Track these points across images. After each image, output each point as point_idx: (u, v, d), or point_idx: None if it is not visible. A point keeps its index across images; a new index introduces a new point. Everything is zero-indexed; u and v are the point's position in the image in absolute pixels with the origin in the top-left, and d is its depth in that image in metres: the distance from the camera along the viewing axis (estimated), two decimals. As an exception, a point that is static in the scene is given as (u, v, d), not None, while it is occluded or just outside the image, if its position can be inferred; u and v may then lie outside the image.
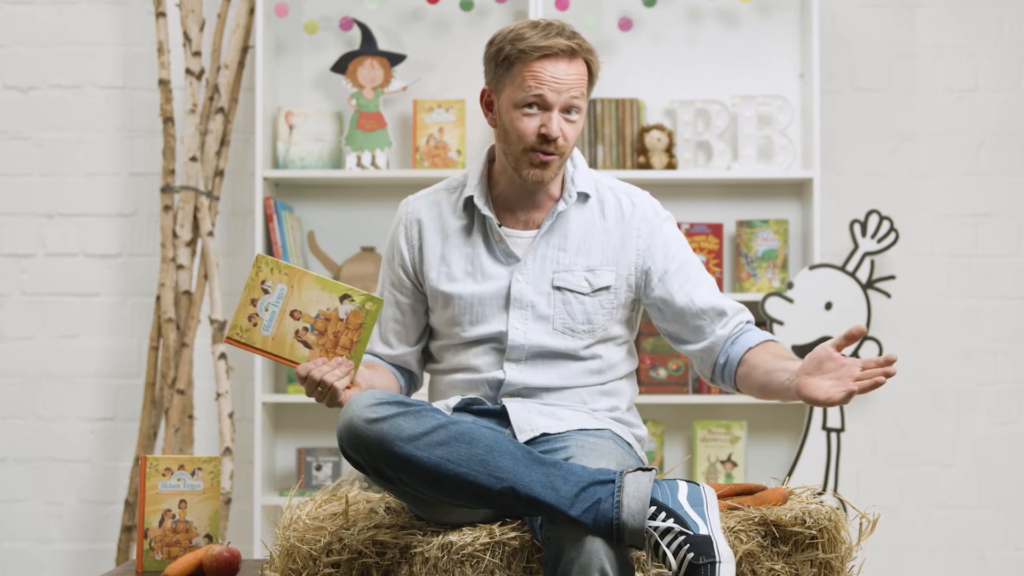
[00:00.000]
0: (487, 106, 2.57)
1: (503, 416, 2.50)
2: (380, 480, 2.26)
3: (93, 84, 4.25)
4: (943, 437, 4.21)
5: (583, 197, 2.58)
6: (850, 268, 4.03)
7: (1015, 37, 4.22)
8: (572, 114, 2.49)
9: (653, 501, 2.15)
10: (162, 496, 2.80)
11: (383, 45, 4.15)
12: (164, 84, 4.05)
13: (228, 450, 3.91)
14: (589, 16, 4.12)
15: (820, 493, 2.52)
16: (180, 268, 4.01)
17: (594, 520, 2.14)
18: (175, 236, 4.02)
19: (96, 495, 4.22)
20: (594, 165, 4.08)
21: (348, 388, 2.37)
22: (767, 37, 4.19)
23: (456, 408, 2.53)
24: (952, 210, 4.22)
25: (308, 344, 2.38)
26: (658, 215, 2.61)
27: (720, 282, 4.09)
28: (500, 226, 2.56)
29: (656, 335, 4.05)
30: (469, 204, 2.59)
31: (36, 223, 4.25)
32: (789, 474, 3.98)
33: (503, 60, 2.49)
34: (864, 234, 4.04)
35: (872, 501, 4.04)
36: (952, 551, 4.19)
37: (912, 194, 4.22)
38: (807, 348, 3.97)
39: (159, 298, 4.02)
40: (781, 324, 3.97)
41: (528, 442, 2.45)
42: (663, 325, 2.61)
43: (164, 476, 2.80)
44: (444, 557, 2.28)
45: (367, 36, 4.12)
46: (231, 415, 3.95)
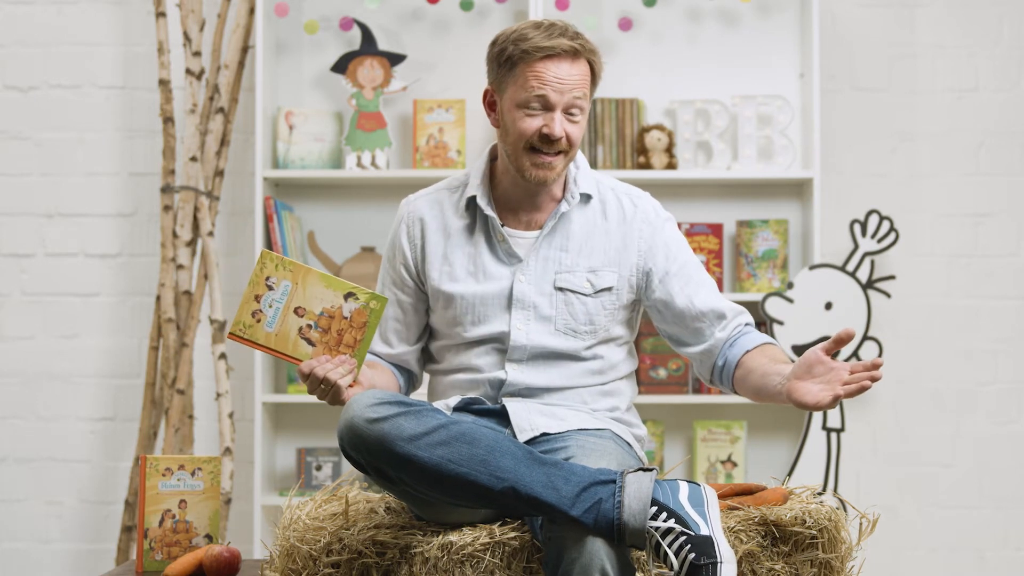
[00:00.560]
0: (490, 106, 2.56)
1: (503, 416, 2.50)
2: (381, 480, 2.26)
3: (93, 84, 4.25)
4: (943, 437, 4.21)
5: (585, 198, 2.58)
6: (850, 268, 4.03)
7: (1015, 37, 4.22)
8: (575, 114, 2.48)
9: (654, 501, 2.15)
10: (162, 496, 2.80)
11: (383, 45, 4.15)
12: (164, 84, 4.05)
13: (228, 450, 3.91)
14: (589, 16, 4.12)
15: (820, 493, 2.52)
16: (180, 268, 4.01)
17: (595, 520, 2.14)
18: (175, 236, 4.02)
19: (96, 495, 4.22)
20: (594, 165, 4.08)
21: (351, 386, 2.37)
22: (767, 37, 4.19)
23: (456, 408, 2.53)
24: (952, 210, 4.22)
25: (311, 341, 2.37)
26: (659, 216, 2.61)
27: (720, 282, 4.09)
28: (502, 226, 2.56)
29: (656, 335, 4.05)
30: (471, 204, 2.59)
31: (36, 223, 4.25)
32: (789, 474, 3.98)
33: (506, 60, 2.49)
34: (864, 234, 4.04)
35: (872, 501, 4.04)
36: (952, 551, 4.19)
37: (912, 194, 4.22)
38: (807, 348, 3.97)
39: (159, 298, 4.02)
40: (781, 324, 3.96)
41: (528, 442, 2.45)
42: (663, 327, 2.62)
43: (164, 476, 2.80)
44: (444, 557, 2.28)
45: (367, 36, 4.12)
46: (231, 415, 3.95)
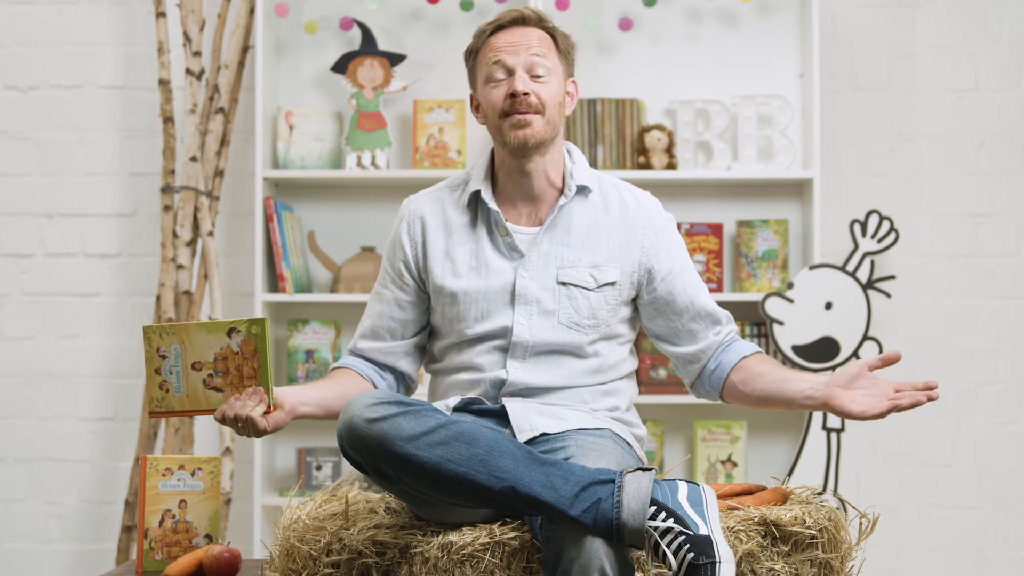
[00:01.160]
0: (475, 108, 2.63)
1: (502, 416, 2.50)
2: (380, 480, 2.27)
3: (93, 84, 4.25)
4: (943, 437, 4.21)
5: (583, 191, 2.60)
6: (850, 268, 4.03)
7: (1015, 37, 4.22)
8: (541, 75, 2.53)
9: (653, 501, 2.16)
10: (162, 496, 2.80)
11: (383, 45, 4.15)
12: (164, 84, 4.05)
13: (228, 450, 3.91)
14: (589, 16, 4.13)
15: (820, 493, 2.52)
16: (180, 268, 4.01)
17: (594, 520, 2.14)
18: (175, 236, 4.03)
19: (96, 495, 4.22)
20: (594, 165, 4.08)
21: (268, 412, 2.38)
22: (767, 37, 4.19)
23: (455, 408, 2.53)
24: (952, 210, 4.22)
25: (218, 388, 2.40)
26: (661, 215, 2.64)
27: (720, 282, 4.09)
28: (504, 220, 2.57)
29: (656, 335, 4.05)
30: (473, 200, 2.60)
31: (36, 223, 4.25)
32: (789, 474, 3.98)
33: (470, 55, 2.61)
34: (864, 234, 4.04)
35: (872, 501, 4.04)
36: (952, 551, 4.19)
37: (912, 194, 4.22)
38: (807, 348, 3.97)
39: (159, 298, 4.02)
40: (781, 324, 3.96)
41: (528, 442, 2.45)
42: (654, 325, 2.63)
43: (164, 476, 2.80)
44: (444, 557, 2.28)
45: (367, 36, 4.12)
46: (231, 415, 3.95)
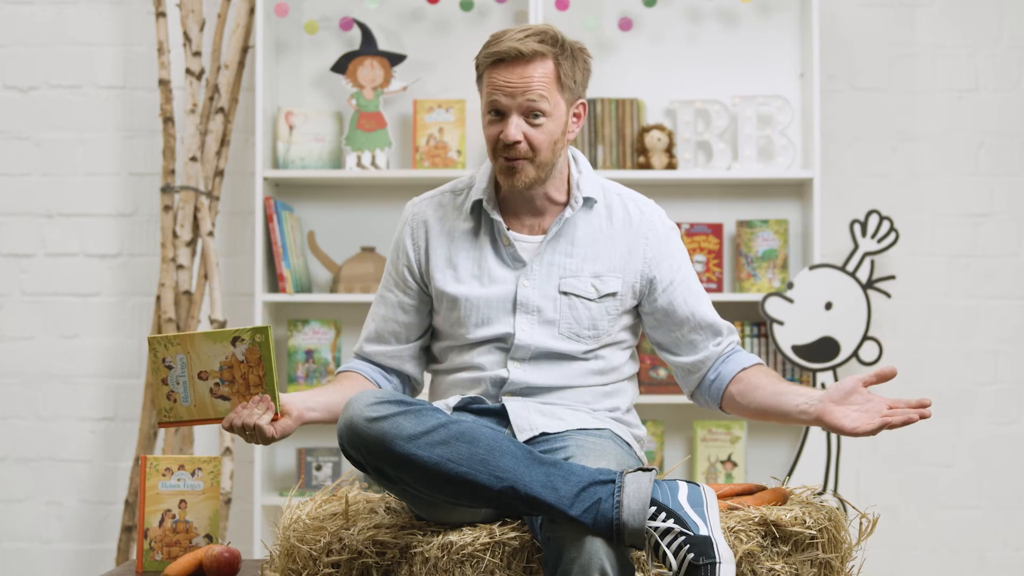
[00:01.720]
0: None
1: (503, 415, 2.50)
2: (380, 479, 2.26)
3: (93, 84, 4.25)
4: (943, 437, 4.21)
5: (589, 202, 2.58)
6: (850, 268, 4.03)
7: (1015, 37, 4.22)
8: (537, 117, 2.46)
9: (653, 501, 2.16)
10: (162, 496, 2.80)
11: (383, 45, 4.15)
12: (164, 84, 4.05)
13: (228, 450, 3.91)
14: (589, 16, 4.13)
15: (820, 493, 2.52)
16: (180, 268, 4.01)
17: (594, 520, 2.14)
18: (175, 236, 4.02)
19: (96, 495, 4.22)
20: (594, 165, 4.08)
21: (275, 419, 2.38)
22: (767, 37, 4.19)
23: (456, 408, 2.53)
24: (952, 210, 4.22)
25: (225, 396, 2.40)
26: (664, 225, 2.62)
27: (720, 282, 4.09)
28: (508, 230, 2.56)
29: (656, 335, 4.04)
30: (476, 207, 2.59)
31: (36, 223, 4.25)
32: (789, 474, 3.98)
33: (477, 68, 2.54)
34: (864, 234, 4.04)
35: (872, 501, 4.04)
36: (952, 551, 4.19)
37: (912, 194, 4.22)
38: (807, 348, 3.97)
39: (159, 298, 4.02)
40: (781, 324, 3.96)
41: (527, 441, 2.44)
42: (656, 335, 2.62)
43: (164, 476, 2.80)
44: (444, 557, 2.28)
45: (367, 36, 4.12)
46: (231, 415, 3.95)
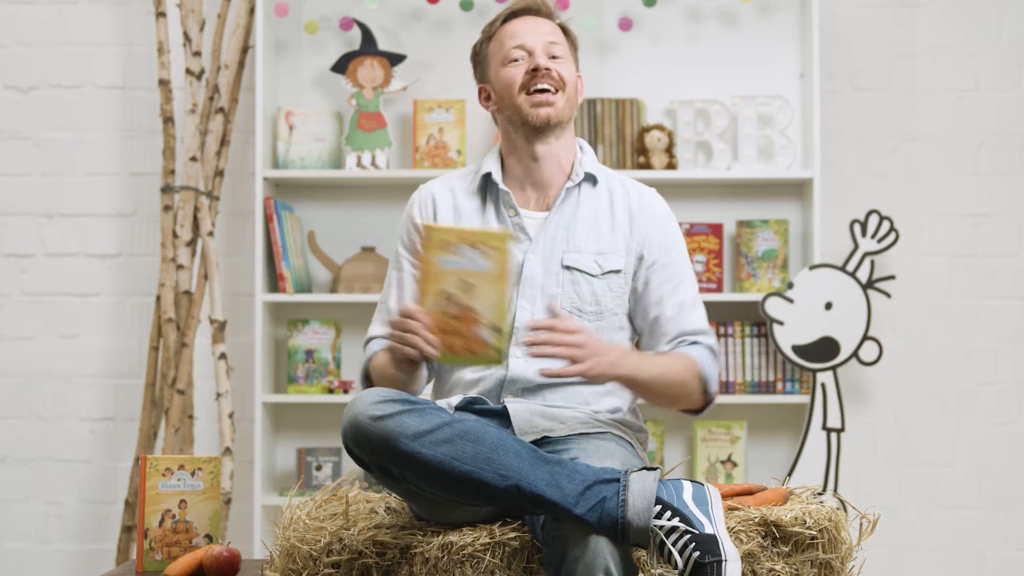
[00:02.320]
0: (486, 99, 2.64)
1: (504, 417, 2.50)
2: (384, 478, 2.26)
3: (93, 84, 4.25)
4: (943, 437, 4.21)
5: (591, 179, 2.61)
6: (850, 268, 4.03)
7: (1015, 37, 4.22)
8: (558, 55, 2.58)
9: (658, 500, 2.16)
10: (162, 496, 2.80)
11: (383, 45, 4.15)
12: (164, 84, 4.05)
13: (228, 450, 3.91)
14: (589, 16, 4.12)
15: (820, 493, 2.52)
16: (180, 268, 4.01)
17: (599, 519, 2.14)
18: (175, 236, 4.02)
19: (96, 495, 4.22)
20: (594, 165, 4.08)
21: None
22: (767, 37, 4.19)
23: (457, 407, 2.52)
24: (952, 210, 4.22)
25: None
26: (663, 209, 2.65)
27: (720, 282, 4.09)
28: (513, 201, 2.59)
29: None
30: (483, 184, 2.62)
31: (36, 223, 4.25)
32: (789, 474, 3.98)
33: (482, 44, 2.64)
34: (864, 234, 4.04)
35: (872, 501, 4.04)
36: (952, 551, 4.19)
37: (912, 194, 4.22)
38: (807, 348, 3.97)
39: (159, 298, 4.02)
40: (781, 324, 3.96)
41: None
42: (635, 320, 2.63)
43: (164, 476, 2.80)
44: (444, 557, 2.28)
45: (367, 36, 4.12)
46: (231, 415, 3.95)
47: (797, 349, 3.97)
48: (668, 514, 2.15)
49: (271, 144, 4.12)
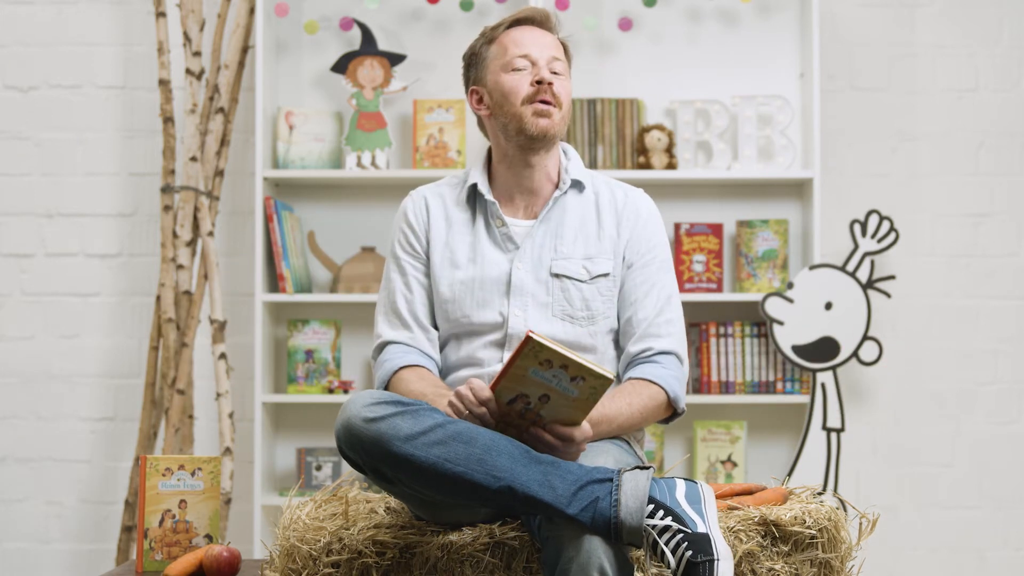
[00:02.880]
0: (477, 101, 2.64)
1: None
2: (378, 480, 2.26)
3: (93, 84, 4.25)
4: (943, 437, 4.21)
5: (578, 185, 2.63)
6: (850, 268, 4.03)
7: (1015, 37, 4.22)
8: (559, 71, 2.59)
9: (651, 499, 2.16)
10: (162, 496, 2.80)
11: (383, 45, 4.15)
12: (164, 84, 4.05)
13: (228, 450, 3.91)
14: (589, 16, 4.12)
15: (820, 493, 2.52)
16: (180, 268, 4.01)
17: (592, 519, 2.14)
18: (175, 236, 4.02)
19: (96, 495, 4.22)
20: (594, 165, 4.08)
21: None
22: (767, 37, 4.19)
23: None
24: (952, 210, 4.22)
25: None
26: (647, 209, 2.64)
27: (720, 282, 4.09)
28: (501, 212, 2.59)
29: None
30: (471, 197, 2.63)
31: (36, 223, 4.25)
32: (789, 474, 3.98)
33: (481, 47, 2.63)
34: (864, 234, 4.04)
35: (872, 501, 4.04)
36: (952, 551, 4.19)
37: (912, 194, 4.22)
38: (807, 348, 3.97)
39: (159, 298, 4.02)
40: (781, 324, 3.96)
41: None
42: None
43: (164, 476, 2.80)
44: (444, 557, 2.28)
45: (367, 36, 4.12)
46: (231, 415, 3.95)
47: (797, 349, 3.97)
48: (661, 513, 2.15)
49: (271, 144, 4.12)
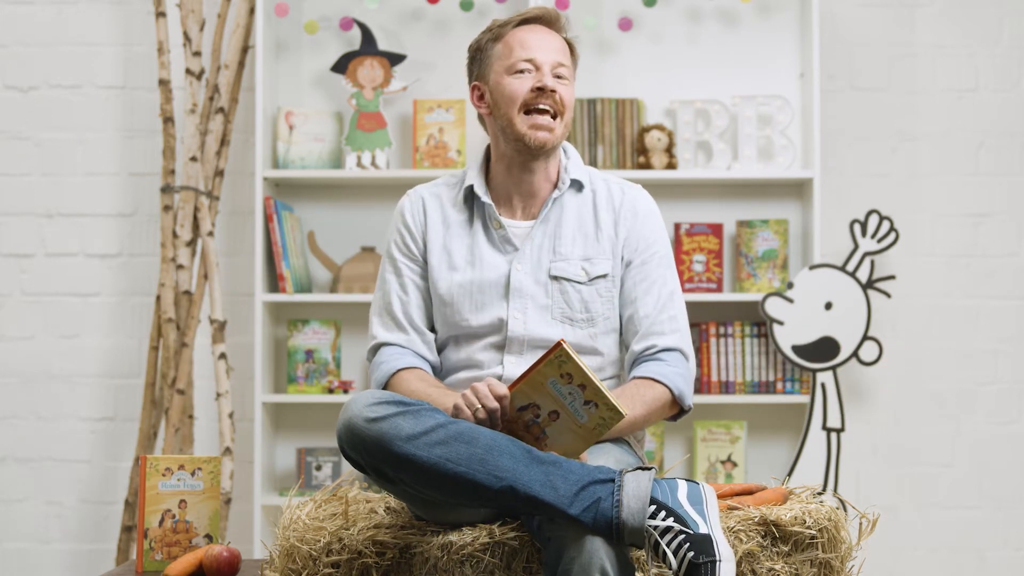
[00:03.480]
0: (478, 98, 2.62)
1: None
2: (380, 480, 2.26)
3: (93, 84, 4.25)
4: (943, 437, 4.21)
5: (577, 185, 2.61)
6: (850, 268, 4.03)
7: (1015, 37, 4.22)
8: (563, 76, 2.56)
9: (653, 500, 2.15)
10: (162, 496, 2.80)
11: (383, 45, 4.15)
12: (164, 84, 4.05)
13: (228, 450, 3.91)
14: (589, 16, 4.13)
15: (820, 493, 2.52)
16: (180, 268, 4.01)
17: (594, 519, 2.14)
18: (175, 236, 4.02)
19: (96, 495, 4.22)
20: (594, 165, 4.08)
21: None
22: (767, 37, 4.19)
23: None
24: (952, 210, 4.22)
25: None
26: (647, 208, 2.63)
27: (720, 282, 4.09)
28: (498, 215, 2.58)
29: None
30: (469, 198, 2.62)
31: (36, 223, 4.25)
32: (789, 474, 3.98)
33: (487, 43, 2.59)
34: (864, 234, 4.04)
35: (872, 501, 4.04)
36: (952, 551, 4.19)
37: (912, 194, 4.22)
38: (807, 348, 3.97)
39: (159, 298, 4.02)
40: (781, 324, 3.96)
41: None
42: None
43: (164, 476, 2.80)
44: (444, 557, 2.28)
45: (367, 36, 4.12)
46: (231, 415, 3.95)
47: (797, 349, 3.97)
48: (662, 514, 2.14)
49: (271, 144, 4.13)
